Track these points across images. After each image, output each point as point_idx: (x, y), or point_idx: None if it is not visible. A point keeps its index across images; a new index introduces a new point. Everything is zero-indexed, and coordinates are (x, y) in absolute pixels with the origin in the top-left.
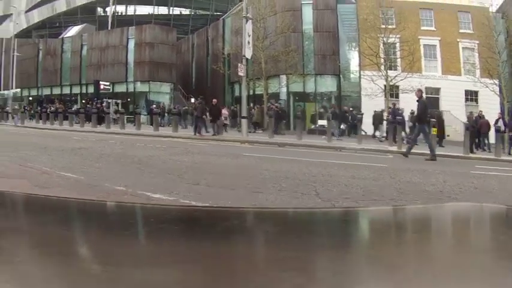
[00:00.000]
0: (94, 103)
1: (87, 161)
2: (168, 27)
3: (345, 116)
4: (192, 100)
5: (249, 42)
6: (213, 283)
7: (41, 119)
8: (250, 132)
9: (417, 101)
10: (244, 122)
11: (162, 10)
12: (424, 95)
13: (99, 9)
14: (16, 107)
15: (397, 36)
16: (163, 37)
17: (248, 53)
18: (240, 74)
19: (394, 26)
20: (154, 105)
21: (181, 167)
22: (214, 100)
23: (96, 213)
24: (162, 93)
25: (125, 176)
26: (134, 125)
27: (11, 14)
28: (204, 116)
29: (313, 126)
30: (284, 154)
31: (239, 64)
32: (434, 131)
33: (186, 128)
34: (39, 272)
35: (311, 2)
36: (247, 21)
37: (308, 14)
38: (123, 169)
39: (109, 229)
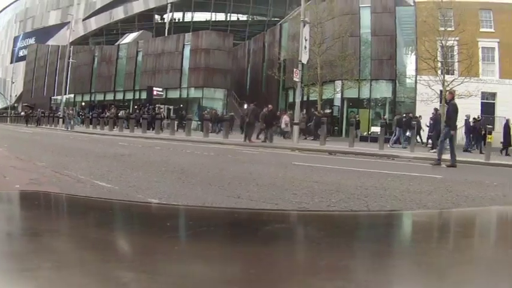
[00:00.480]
0: (146, 109)
1: (126, 169)
2: (225, 33)
3: (410, 122)
4: (245, 106)
5: (305, 47)
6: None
7: (91, 124)
8: (305, 138)
9: (447, 103)
10: (295, 128)
11: (220, 16)
12: (455, 98)
13: (157, 17)
14: (70, 111)
15: (456, 38)
16: (219, 43)
17: (304, 57)
18: (295, 79)
19: (452, 29)
20: (205, 111)
21: (225, 177)
22: (270, 106)
23: (134, 214)
24: (216, 99)
25: (163, 187)
26: (184, 130)
27: (69, 22)
28: (257, 122)
29: (365, 133)
30: (335, 163)
31: (294, 69)
32: (490, 138)
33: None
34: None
35: (369, 5)
36: (304, 25)
37: (366, 18)
38: (163, 178)
39: (147, 230)
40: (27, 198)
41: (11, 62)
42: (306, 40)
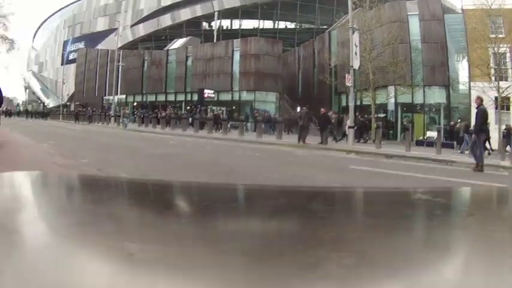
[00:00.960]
0: (198, 110)
1: (174, 168)
2: (274, 40)
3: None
4: (298, 109)
5: (356, 53)
6: (257, 261)
7: (143, 123)
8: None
9: (476, 108)
10: (351, 131)
11: (268, 24)
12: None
13: (205, 24)
14: (126, 111)
15: (508, 45)
16: (268, 49)
17: (356, 63)
18: (348, 84)
19: (503, 35)
20: (257, 112)
21: (277, 182)
22: (323, 109)
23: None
24: (268, 102)
25: None
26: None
27: (117, 28)
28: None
29: (421, 138)
30: (393, 168)
31: (346, 75)
32: None
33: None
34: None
35: (417, 13)
36: (353, 32)
37: (415, 25)
38: (211, 180)
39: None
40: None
41: (62, 64)
42: (356, 46)
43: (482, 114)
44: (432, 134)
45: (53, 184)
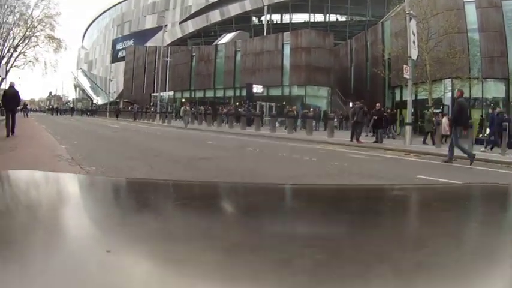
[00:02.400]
0: (246, 105)
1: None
2: (325, 32)
3: None
4: (350, 104)
5: (414, 42)
6: (229, 257)
7: (196, 119)
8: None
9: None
10: (408, 129)
11: (318, 17)
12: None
13: (254, 19)
14: (187, 108)
15: None
16: (319, 42)
17: (414, 53)
18: (406, 76)
19: None
20: (309, 109)
21: None
22: (378, 104)
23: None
24: (319, 97)
25: None
26: (286, 127)
27: (166, 24)
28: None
29: (480, 136)
30: (472, 176)
31: (404, 66)
32: None
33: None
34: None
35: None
36: (410, 19)
37: (471, 13)
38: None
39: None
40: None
41: (111, 62)
42: (414, 35)
43: (458, 107)
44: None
45: None
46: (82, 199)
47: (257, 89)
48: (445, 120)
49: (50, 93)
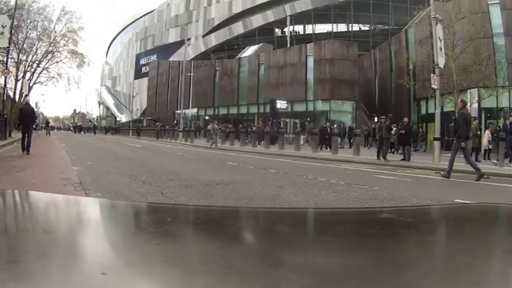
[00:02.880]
0: (269, 123)
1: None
2: (348, 42)
3: None
4: (375, 119)
5: (441, 49)
6: (217, 281)
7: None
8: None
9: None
10: (436, 144)
11: (341, 27)
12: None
13: (277, 30)
14: (215, 126)
15: None
16: (343, 52)
17: (441, 61)
18: (434, 86)
19: None
20: (335, 125)
21: None
22: (405, 119)
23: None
24: (344, 112)
25: None
26: (310, 144)
27: (189, 38)
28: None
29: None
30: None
31: (432, 75)
32: None
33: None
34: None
35: (498, 1)
36: (436, 23)
37: (497, 15)
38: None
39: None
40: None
41: (135, 78)
42: (440, 40)
43: (462, 119)
44: None
45: None
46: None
47: (281, 104)
48: (487, 134)
49: (75, 110)
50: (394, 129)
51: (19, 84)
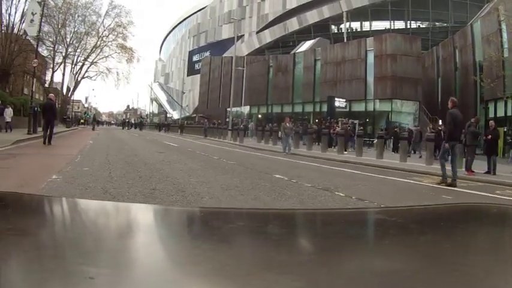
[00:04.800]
0: (327, 123)
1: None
2: (411, 36)
3: None
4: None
5: None
6: (209, 283)
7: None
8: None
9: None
10: None
11: (399, 24)
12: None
13: (333, 27)
14: (287, 124)
15: None
16: (406, 48)
17: None
18: None
19: None
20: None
21: None
22: (492, 123)
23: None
24: (405, 113)
25: None
26: (375, 149)
27: (242, 35)
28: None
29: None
30: None
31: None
32: None
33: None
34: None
35: None
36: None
37: None
38: None
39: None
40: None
41: (188, 75)
42: None
43: (449, 119)
44: None
45: None
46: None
47: (339, 103)
48: None
49: (128, 106)
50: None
51: (66, 78)
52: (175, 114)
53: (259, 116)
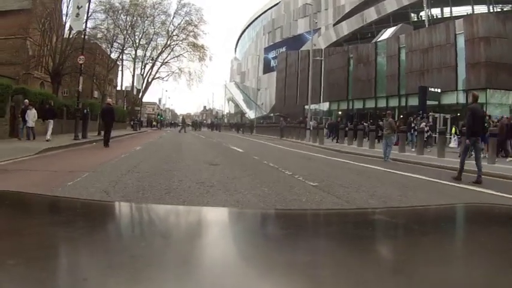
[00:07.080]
0: (419, 118)
1: None
2: (505, 15)
3: None
4: None
5: None
6: (211, 284)
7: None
8: None
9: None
10: None
11: (482, 9)
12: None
13: (412, 15)
14: (390, 118)
15: None
16: (500, 29)
17: None
18: None
19: None
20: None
21: None
22: None
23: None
24: (501, 105)
25: None
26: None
27: (319, 28)
28: None
29: None
30: None
31: None
32: None
33: None
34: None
35: None
36: None
37: None
38: None
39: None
40: None
41: (264, 73)
42: None
43: (469, 114)
44: None
45: None
46: None
47: (433, 94)
48: None
49: (204, 107)
50: None
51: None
52: (251, 114)
53: (339, 112)
